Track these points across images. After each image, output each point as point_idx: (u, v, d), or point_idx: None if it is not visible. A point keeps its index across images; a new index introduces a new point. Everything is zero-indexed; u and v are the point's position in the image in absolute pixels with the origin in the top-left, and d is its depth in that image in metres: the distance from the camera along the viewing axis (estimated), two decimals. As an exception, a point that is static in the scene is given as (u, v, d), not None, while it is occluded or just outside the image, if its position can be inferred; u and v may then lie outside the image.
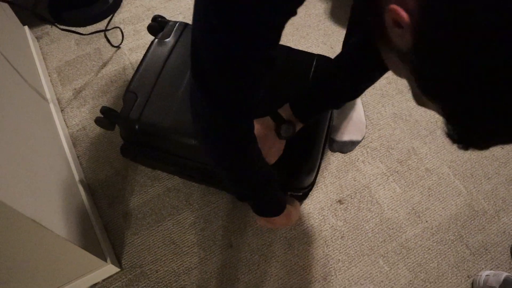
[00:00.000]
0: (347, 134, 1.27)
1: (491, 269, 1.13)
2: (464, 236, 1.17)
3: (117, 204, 1.18)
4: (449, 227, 1.18)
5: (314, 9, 1.60)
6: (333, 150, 1.28)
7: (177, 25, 1.13)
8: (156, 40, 1.10)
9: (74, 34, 1.46)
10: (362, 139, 1.30)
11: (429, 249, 1.15)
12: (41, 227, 0.72)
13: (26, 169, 0.79)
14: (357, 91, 0.90)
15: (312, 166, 0.95)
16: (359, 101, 1.32)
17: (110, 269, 1.05)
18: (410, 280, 1.10)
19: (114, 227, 1.15)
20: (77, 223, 0.96)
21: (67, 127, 1.30)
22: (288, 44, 1.10)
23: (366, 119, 1.32)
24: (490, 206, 1.22)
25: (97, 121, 1.02)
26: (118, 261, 1.10)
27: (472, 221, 1.20)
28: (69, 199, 0.99)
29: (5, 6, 1.28)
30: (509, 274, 1.04)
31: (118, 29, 1.50)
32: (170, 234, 1.14)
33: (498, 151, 1.31)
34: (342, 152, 1.28)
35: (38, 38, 1.49)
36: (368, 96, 1.39)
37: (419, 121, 1.35)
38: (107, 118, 1.01)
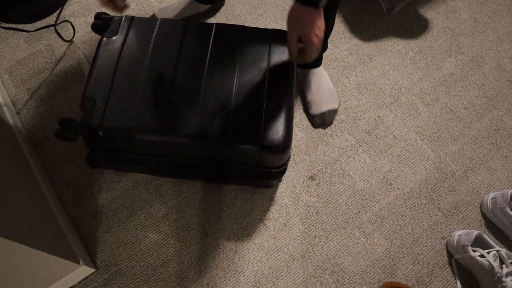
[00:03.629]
0: (324, 104, 1.27)
1: (463, 229, 1.15)
2: (436, 199, 1.19)
3: (86, 203, 1.15)
4: (420, 192, 1.20)
5: (270, -15, 1.57)
6: (317, 125, 1.28)
7: (123, 19, 1.08)
8: (104, 38, 1.05)
9: (22, 31, 1.39)
10: (338, 106, 1.30)
11: (403, 215, 1.16)
12: (2, 239, 0.69)
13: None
14: None
15: (288, 126, 0.94)
16: (324, 71, 1.31)
17: (84, 270, 1.02)
18: (387, 248, 1.12)
19: (85, 227, 1.12)
20: (44, 229, 0.92)
21: (25, 129, 1.25)
22: (246, 24, 1.07)
23: None
24: (458, 167, 1.24)
25: (58, 134, 0.97)
26: (92, 262, 1.07)
27: (442, 184, 1.22)
28: (32, 204, 0.95)
29: None
30: (480, 231, 1.07)
31: (68, 22, 1.43)
32: (143, 228, 1.12)
33: (462, 113, 1.33)
34: (324, 124, 1.27)
35: (-16, 39, 1.41)
36: (331, 69, 1.38)
37: (383, 89, 1.35)
38: (67, 129, 0.97)
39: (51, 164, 1.20)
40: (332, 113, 1.28)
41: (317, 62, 1.29)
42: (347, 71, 1.39)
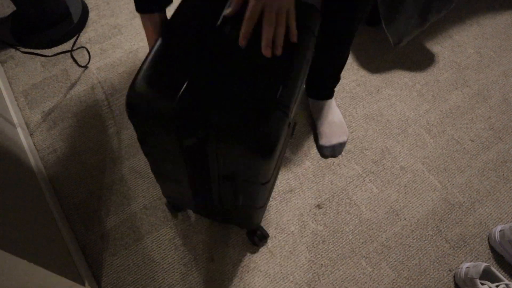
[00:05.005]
0: (334, 137, 1.29)
1: (471, 261, 1.14)
2: (443, 230, 1.19)
3: (94, 225, 1.15)
4: (427, 222, 1.20)
5: None
6: (326, 156, 1.30)
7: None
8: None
9: (40, 56, 1.44)
10: (347, 139, 1.32)
11: (410, 246, 1.16)
12: (11, 256, 0.70)
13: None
14: None
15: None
16: (334, 104, 1.34)
17: (89, 293, 1.02)
18: (394, 279, 1.11)
19: (92, 249, 1.12)
20: (51, 248, 0.93)
21: (37, 150, 1.27)
22: None
23: None
24: (465, 199, 1.24)
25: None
26: (97, 284, 1.07)
27: (449, 215, 1.21)
28: (41, 224, 0.96)
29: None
30: (488, 264, 1.06)
31: (84, 49, 1.48)
32: (150, 252, 1.12)
33: (468, 145, 1.34)
34: (334, 156, 1.29)
35: (2, 63, 1.45)
36: (339, 99, 1.41)
37: (390, 120, 1.37)
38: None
39: (60, 185, 1.21)
40: (342, 145, 1.30)
41: (329, 94, 1.32)
42: (355, 102, 1.41)
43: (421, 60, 1.54)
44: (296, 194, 1.22)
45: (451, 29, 1.65)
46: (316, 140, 1.32)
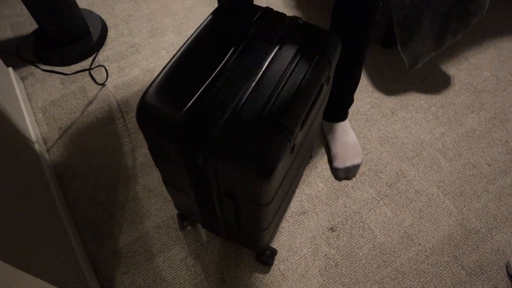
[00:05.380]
0: (348, 159, 1.29)
1: (488, 290, 1.12)
2: (459, 256, 1.16)
3: (106, 242, 1.16)
4: (443, 248, 1.18)
5: None
6: (340, 178, 1.29)
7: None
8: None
9: (60, 74, 1.47)
10: (361, 161, 1.31)
11: (425, 272, 1.14)
12: (22, 273, 0.70)
13: (6, 212, 0.77)
14: None
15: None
16: (349, 126, 1.34)
17: (100, 312, 1.02)
18: (408, 306, 1.09)
19: (103, 266, 1.12)
20: (62, 264, 0.93)
21: (53, 166, 1.29)
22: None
23: None
24: (482, 224, 1.22)
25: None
26: (108, 303, 1.07)
27: (466, 241, 1.19)
28: (53, 240, 0.97)
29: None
30: (505, 294, 1.03)
31: (102, 67, 1.50)
32: (161, 272, 1.11)
33: (485, 169, 1.32)
34: (348, 178, 1.29)
35: (23, 79, 1.49)
36: (353, 121, 1.40)
37: (405, 143, 1.36)
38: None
39: (75, 201, 1.22)
40: (356, 168, 1.29)
41: (343, 116, 1.31)
42: (369, 124, 1.40)
43: (436, 83, 1.53)
44: (309, 216, 1.21)
45: (467, 52, 1.64)
46: (330, 162, 1.31)
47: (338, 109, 1.30)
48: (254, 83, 0.74)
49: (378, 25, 1.69)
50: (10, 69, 1.43)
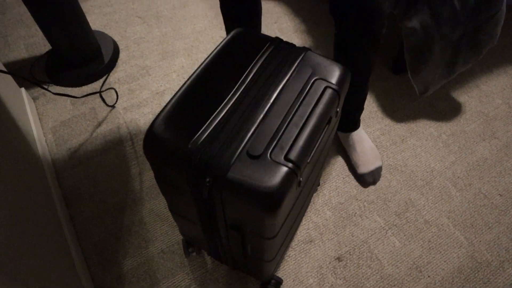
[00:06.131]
0: (371, 163, 1.32)
1: (499, 326, 1.08)
2: (469, 290, 1.13)
3: (111, 267, 1.15)
4: (452, 281, 1.15)
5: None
6: (368, 183, 1.32)
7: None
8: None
9: (70, 93, 1.48)
10: (382, 163, 1.36)
11: (434, 306, 1.11)
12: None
13: (12, 231, 0.77)
14: None
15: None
16: (363, 132, 1.37)
17: None
18: None
19: (107, 292, 1.11)
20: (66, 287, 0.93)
21: (61, 188, 1.29)
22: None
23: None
24: (494, 257, 1.19)
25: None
26: (110, 330, 1.06)
27: (476, 274, 1.16)
28: (58, 262, 0.96)
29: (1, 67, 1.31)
30: (518, 332, 1.00)
31: (112, 89, 1.52)
32: (165, 299, 1.10)
33: (497, 199, 1.30)
34: (375, 182, 1.32)
35: (34, 99, 1.50)
36: (363, 148, 1.39)
37: (415, 171, 1.35)
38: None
39: (81, 223, 1.22)
40: (379, 170, 1.33)
41: (356, 125, 1.34)
42: (379, 151, 1.39)
43: (447, 110, 1.52)
44: (316, 245, 1.19)
45: (479, 79, 1.63)
46: (353, 171, 1.35)
47: (351, 120, 1.33)
48: (262, 116, 0.74)
49: (388, 51, 1.69)
50: (23, 89, 1.45)
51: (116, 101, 1.49)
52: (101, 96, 1.50)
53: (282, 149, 0.70)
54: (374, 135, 1.43)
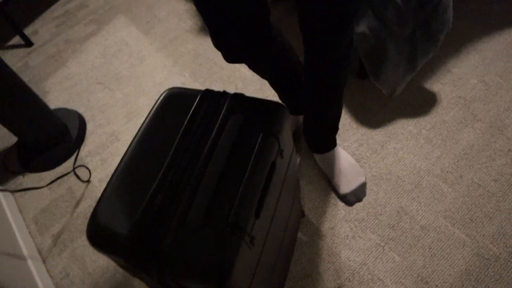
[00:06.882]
0: (352, 182, 1.26)
1: (521, 324, 1.01)
2: (482, 291, 1.07)
3: None
4: (462, 285, 1.08)
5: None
6: (352, 203, 1.26)
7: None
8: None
9: (46, 178, 1.48)
10: (365, 178, 1.30)
11: (448, 317, 1.04)
12: None
13: None
14: None
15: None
16: (340, 150, 1.31)
17: None
18: None
19: None
20: None
21: (51, 277, 1.27)
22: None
23: None
24: (501, 249, 1.12)
25: None
26: None
27: (486, 272, 1.10)
28: None
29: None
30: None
31: (84, 167, 1.51)
32: None
33: (492, 186, 1.23)
34: (359, 200, 1.26)
35: (12, 191, 1.50)
36: (343, 164, 1.35)
37: (401, 176, 1.29)
38: None
39: (75, 312, 1.19)
40: (363, 186, 1.27)
41: (332, 144, 1.29)
42: (360, 164, 1.34)
43: (422, 103, 1.47)
44: (314, 278, 1.14)
45: (448, 63, 1.58)
46: (336, 192, 1.29)
47: (326, 140, 1.28)
48: (196, 181, 0.71)
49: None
50: (-3, 186, 1.45)
51: (90, 176, 1.48)
52: (75, 173, 1.49)
53: (222, 213, 0.67)
54: (352, 148, 1.38)
